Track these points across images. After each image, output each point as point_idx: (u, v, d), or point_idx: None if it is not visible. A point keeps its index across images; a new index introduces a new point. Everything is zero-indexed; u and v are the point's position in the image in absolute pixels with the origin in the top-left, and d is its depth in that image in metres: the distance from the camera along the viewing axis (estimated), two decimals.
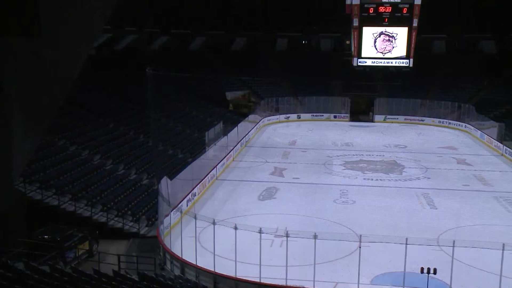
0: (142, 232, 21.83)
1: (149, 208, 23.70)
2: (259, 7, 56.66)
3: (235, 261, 16.70)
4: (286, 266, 16.38)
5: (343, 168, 32.98)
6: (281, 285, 16.38)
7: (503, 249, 15.61)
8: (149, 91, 23.36)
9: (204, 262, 17.61)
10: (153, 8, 50.41)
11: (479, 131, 42.96)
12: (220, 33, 58.96)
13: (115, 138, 31.90)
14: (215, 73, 52.95)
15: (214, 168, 29.57)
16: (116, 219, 22.11)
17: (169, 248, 18.91)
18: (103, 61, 42.74)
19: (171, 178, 22.73)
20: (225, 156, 32.61)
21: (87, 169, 26.04)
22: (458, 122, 47.87)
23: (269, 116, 50.39)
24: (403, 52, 35.85)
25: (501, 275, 15.58)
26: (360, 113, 53.58)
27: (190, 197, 24.31)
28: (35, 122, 5.22)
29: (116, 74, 43.65)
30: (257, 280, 16.47)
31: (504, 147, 36.90)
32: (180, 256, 18.14)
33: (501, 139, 38.75)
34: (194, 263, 17.58)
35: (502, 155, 36.64)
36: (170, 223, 20.57)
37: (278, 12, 57.67)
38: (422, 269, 15.24)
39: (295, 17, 57.19)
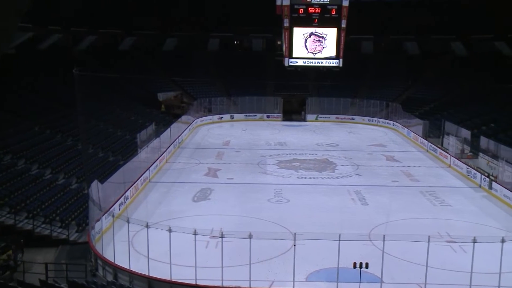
0: (71, 238, 20.97)
1: (79, 213, 22.83)
2: (190, 7, 56.11)
3: (170, 264, 16.41)
4: (222, 267, 16.25)
5: (277, 167, 33.25)
6: (217, 286, 16.23)
7: (429, 241, 16.23)
8: (77, 92, 22.49)
9: (138, 266, 17.17)
10: (79, 7, 48.71)
11: (406, 129, 44.69)
12: (151, 33, 57.86)
13: (41, 142, 30.50)
14: (146, 74, 51.93)
15: (147, 170, 28.97)
16: (43, 226, 21.11)
17: (101, 253, 18.28)
18: (26, 61, 40.84)
19: (102, 181, 22.01)
20: (158, 158, 32.04)
21: (10, 175, 24.70)
22: (387, 120, 49.57)
23: (202, 116, 50.07)
24: (333, 52, 36.61)
25: (427, 266, 16.19)
26: (293, 112, 54.33)
27: (123, 201, 23.66)
28: None
29: (41, 75, 41.81)
30: (193, 282, 16.25)
31: (429, 143, 38.58)
32: (113, 262, 17.57)
33: (426, 136, 40.49)
34: (128, 268, 17.09)
35: (427, 151, 38.27)
36: (102, 228, 19.88)
37: (210, 12, 57.42)
38: (354, 264, 15.59)
39: (227, 17, 57.13)
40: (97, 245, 18.82)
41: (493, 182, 27.61)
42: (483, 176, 28.89)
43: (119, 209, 22.75)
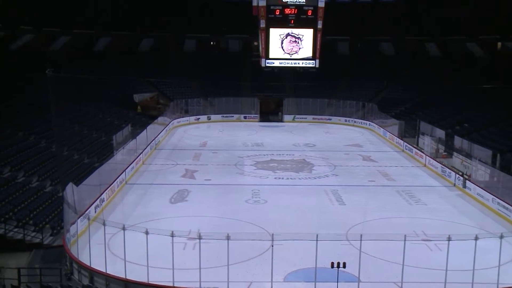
0: (46, 242, 20.61)
1: (53, 216, 22.46)
2: (166, 7, 55.76)
3: (147, 266, 16.25)
4: (200, 268, 16.15)
5: (254, 168, 33.24)
6: None
7: (405, 240, 16.40)
8: (51, 94, 22.11)
9: (115, 269, 16.95)
10: (52, 6, 47.96)
11: (382, 129, 45.13)
12: (127, 34, 57.28)
13: (13, 144, 29.91)
14: (122, 75, 51.43)
15: (123, 172, 28.65)
16: (15, 230, 20.69)
17: (76, 257, 18.00)
18: None
19: (77, 184, 21.68)
20: (135, 160, 31.73)
21: None
22: (363, 121, 49.99)
23: (178, 118, 49.77)
24: (309, 53, 36.76)
25: (403, 265, 16.35)
26: (270, 113, 54.42)
27: (98, 203, 23.35)
28: None
29: (12, 75, 41.01)
30: (171, 284, 16.10)
31: (404, 143, 39.02)
32: (89, 265, 17.33)
33: (402, 136, 40.95)
34: (104, 271, 16.87)
35: (403, 151, 38.71)
36: (77, 231, 19.61)
37: (186, 13, 57.15)
38: (332, 263, 15.65)
39: (203, 18, 56.96)
40: (73, 249, 18.54)
41: (467, 181, 28.05)
42: (457, 175, 29.33)
43: (95, 212, 22.46)
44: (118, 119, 43.17)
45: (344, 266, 15.64)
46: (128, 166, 29.97)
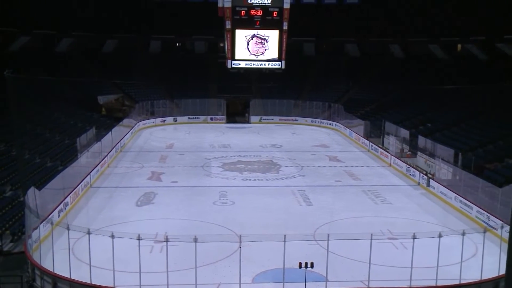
0: (6, 248, 19.98)
1: (14, 222, 21.78)
2: (130, 8, 55.10)
3: (113, 270, 15.97)
4: (167, 271, 15.97)
5: (222, 169, 33.11)
6: None
7: (371, 239, 16.60)
8: (10, 96, 21.48)
9: (80, 274, 16.59)
10: (10, 6, 46.71)
11: (348, 129, 45.62)
12: (90, 35, 56.24)
13: None
14: (85, 76, 50.52)
15: (87, 175, 28.12)
16: None
17: (39, 263, 17.51)
18: None
19: (39, 188, 21.16)
20: (99, 163, 31.18)
21: None
22: (329, 121, 50.43)
23: (144, 119, 49.19)
24: (275, 55, 36.88)
25: (370, 263, 16.54)
26: (236, 114, 54.35)
27: (62, 207, 22.83)
28: None
29: None
30: None
31: (370, 143, 39.54)
32: (52, 271, 16.89)
33: (367, 136, 41.49)
34: (68, 276, 16.48)
35: (368, 151, 39.21)
36: (40, 236, 19.07)
37: (150, 14, 56.60)
38: (300, 264, 15.71)
39: (168, 19, 56.50)
40: (35, 255, 18.03)
41: (431, 180, 28.58)
42: (421, 174, 29.87)
43: (59, 216, 21.96)
44: (82, 121, 42.32)
45: (312, 266, 15.73)
46: (93, 169, 29.45)
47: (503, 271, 15.07)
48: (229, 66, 37.31)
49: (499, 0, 43.42)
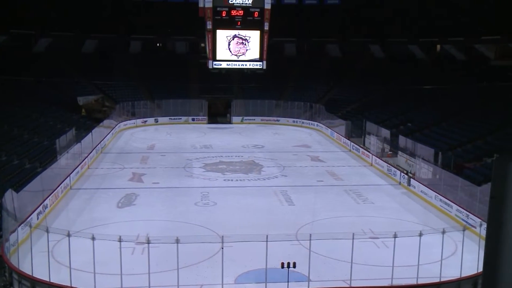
0: None
1: None
2: (109, 8, 54.59)
3: (94, 273, 15.78)
4: (149, 273, 15.85)
5: (203, 170, 32.99)
6: None
7: (353, 239, 16.68)
8: None
9: (59, 278, 16.37)
10: None
11: (329, 129, 45.82)
12: (68, 35, 55.53)
13: None
14: (64, 77, 49.90)
15: (67, 177, 27.77)
16: None
17: (17, 266, 17.23)
18: None
19: (17, 190, 20.84)
20: (80, 164, 30.84)
21: None
22: (311, 121, 50.59)
23: (125, 120, 48.76)
24: (257, 55, 36.92)
25: (352, 263, 16.62)
26: (218, 115, 54.19)
27: (41, 210, 22.51)
28: None
29: None
30: None
31: (351, 143, 39.76)
32: (30, 274, 16.62)
33: (349, 136, 41.71)
34: (48, 280, 16.24)
35: (350, 151, 39.42)
36: (18, 240, 18.78)
37: (130, 14, 56.15)
38: (282, 264, 15.72)
39: (149, 19, 56.11)
40: (13, 258, 17.73)
41: (411, 179, 28.83)
42: (402, 174, 30.12)
43: (38, 219, 21.63)
44: (61, 122, 41.77)
45: (294, 266, 15.74)
46: (73, 171, 29.10)
47: (481, 268, 15.24)
48: (210, 67, 37.24)
49: (477, 2, 44.04)
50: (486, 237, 2.19)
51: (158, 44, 62.91)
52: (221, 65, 37.52)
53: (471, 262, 17.04)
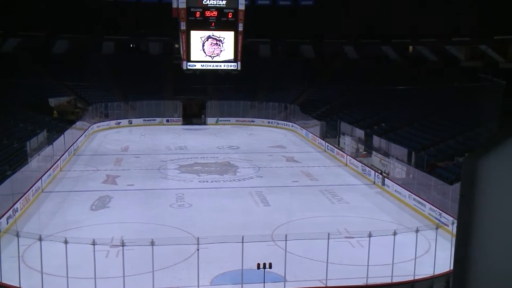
0: None
1: None
2: (80, 8, 53.77)
3: (67, 277, 15.50)
4: (124, 276, 15.65)
5: (178, 172, 32.78)
6: None
7: (328, 238, 16.77)
8: None
9: (30, 283, 16.03)
10: None
11: (304, 130, 46.03)
12: (38, 35, 54.41)
13: None
14: (35, 78, 48.94)
15: (39, 180, 27.26)
16: None
17: None
18: None
19: None
20: (51, 167, 30.31)
21: None
22: (286, 122, 50.76)
23: (98, 122, 48.17)
24: (231, 56, 36.90)
25: (327, 262, 16.70)
26: (193, 116, 53.93)
27: (11, 214, 22.04)
28: None
29: None
30: None
31: (326, 143, 40.00)
32: None
33: (323, 136, 41.96)
34: (18, 285, 15.88)
35: (324, 151, 39.66)
36: None
37: (103, 14, 55.43)
38: (258, 265, 15.71)
39: (121, 20, 55.50)
40: None
41: (386, 179, 29.15)
42: (376, 173, 30.43)
43: (7, 223, 21.19)
44: (32, 124, 40.98)
45: (270, 267, 15.75)
46: (45, 174, 28.59)
47: None
48: (184, 68, 37.08)
49: (448, 4, 44.74)
50: (456, 235, 2.22)
51: (131, 45, 62.30)
52: (195, 66, 37.39)
53: (444, 259, 17.27)
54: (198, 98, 54.00)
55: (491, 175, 2.11)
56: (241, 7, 35.35)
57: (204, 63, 37.30)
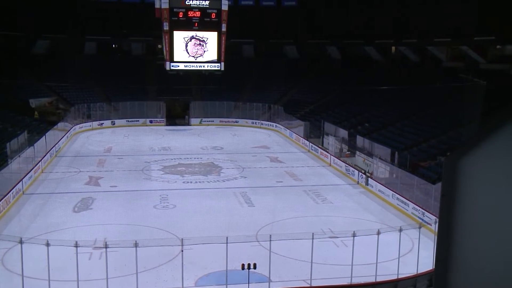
0: None
1: None
2: (61, 8, 53.19)
3: (49, 280, 15.33)
4: (107, 278, 15.51)
5: (162, 173, 32.62)
6: None
7: (312, 238, 16.82)
8: None
9: (11, 286, 15.82)
10: None
11: (288, 130, 46.11)
12: (17, 35, 53.66)
13: None
14: (14, 78, 48.26)
15: (19, 181, 26.89)
16: None
17: None
18: None
19: None
20: (33, 168, 29.93)
21: None
22: (269, 122, 50.79)
23: (80, 123, 47.71)
24: (214, 56, 36.82)
25: (312, 262, 16.75)
26: (176, 117, 53.72)
27: None
28: None
29: None
30: None
31: (310, 144, 40.11)
32: None
33: (307, 136, 42.08)
34: None
35: (308, 151, 39.77)
36: None
37: (84, 14, 54.90)
38: (243, 265, 15.69)
39: (103, 20, 55.03)
40: None
41: (369, 179, 29.32)
42: (360, 173, 30.59)
43: None
44: (12, 125, 40.43)
45: (255, 267, 15.74)
46: (26, 175, 28.22)
47: None
48: (167, 68, 36.90)
49: (430, 5, 45.18)
50: (438, 234, 2.23)
51: (113, 45, 61.82)
52: (178, 66, 37.23)
53: (427, 258, 17.43)
54: (182, 98, 53.79)
55: (472, 174, 2.12)
56: (224, 7, 35.29)
57: (188, 64, 37.15)
